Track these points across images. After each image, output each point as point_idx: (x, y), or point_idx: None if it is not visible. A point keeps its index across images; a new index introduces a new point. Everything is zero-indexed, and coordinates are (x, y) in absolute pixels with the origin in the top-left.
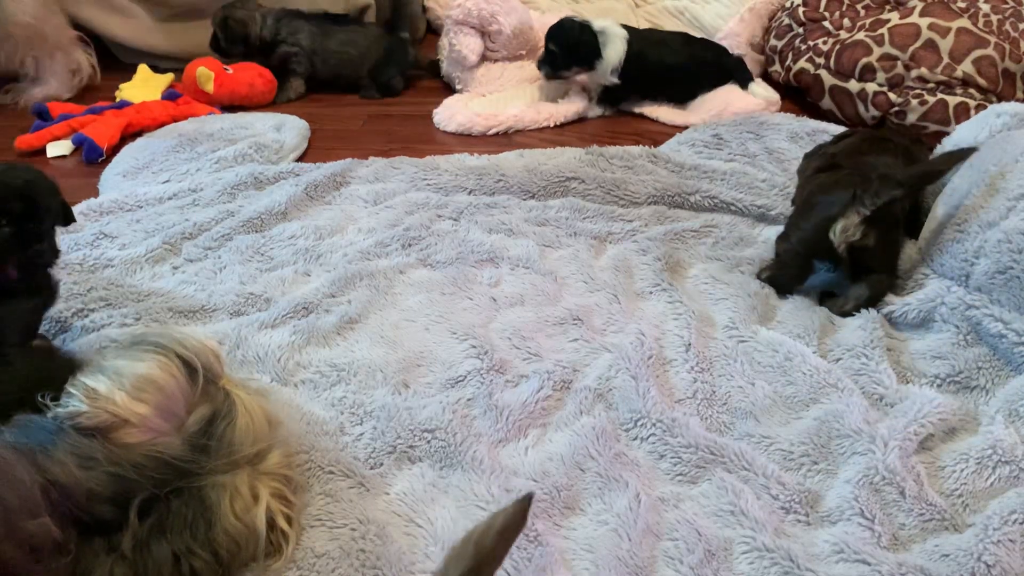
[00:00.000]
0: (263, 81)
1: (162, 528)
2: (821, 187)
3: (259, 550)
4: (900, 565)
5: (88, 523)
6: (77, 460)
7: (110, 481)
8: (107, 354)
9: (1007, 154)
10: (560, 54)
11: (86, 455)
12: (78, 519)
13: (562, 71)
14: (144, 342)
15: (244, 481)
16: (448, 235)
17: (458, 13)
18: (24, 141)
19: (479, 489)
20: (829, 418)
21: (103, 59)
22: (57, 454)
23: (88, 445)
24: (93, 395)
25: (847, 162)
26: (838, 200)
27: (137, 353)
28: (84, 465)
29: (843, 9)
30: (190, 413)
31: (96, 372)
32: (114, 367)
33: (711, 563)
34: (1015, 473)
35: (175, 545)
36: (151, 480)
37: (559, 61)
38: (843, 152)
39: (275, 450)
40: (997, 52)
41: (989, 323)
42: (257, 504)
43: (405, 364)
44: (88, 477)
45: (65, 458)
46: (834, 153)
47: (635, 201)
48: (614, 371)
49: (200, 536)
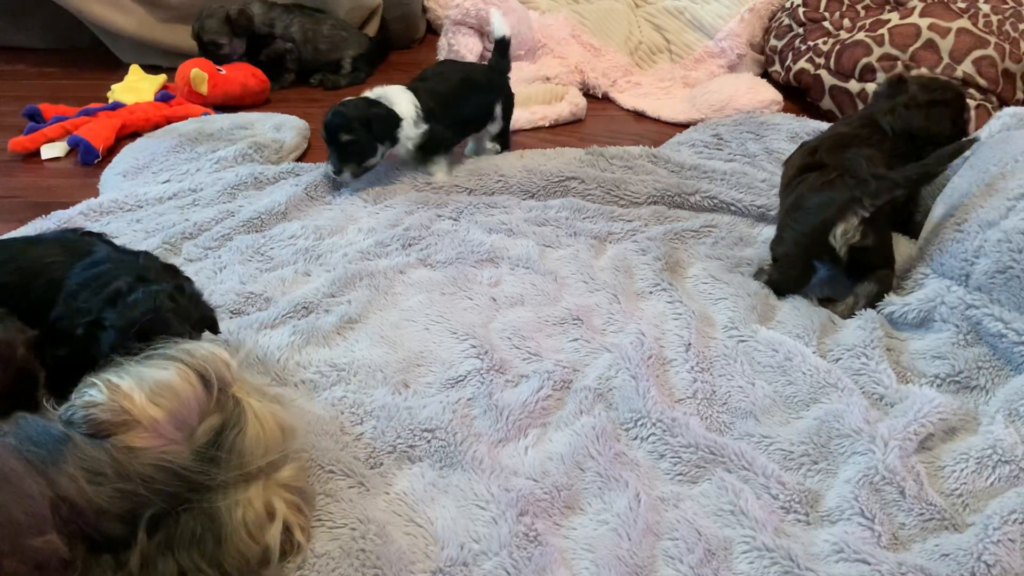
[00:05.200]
0: (256, 81)
1: (169, 544)
2: (811, 188)
3: (272, 565)
4: (900, 565)
5: (97, 540)
6: (87, 475)
7: (119, 498)
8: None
9: (1007, 154)
10: (361, 140)
11: (96, 470)
12: (87, 535)
13: (370, 158)
14: (156, 355)
15: (258, 495)
16: (448, 235)
17: (456, 13)
18: (18, 143)
19: (479, 489)
20: (829, 418)
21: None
22: (68, 468)
23: (97, 459)
24: (113, 389)
25: (830, 158)
26: (833, 202)
27: (159, 362)
28: (94, 481)
29: (843, 9)
30: (202, 423)
31: (120, 371)
32: (137, 371)
33: (711, 562)
34: (1015, 473)
35: (182, 562)
36: (161, 494)
37: (363, 148)
38: (825, 147)
39: (290, 461)
40: (997, 52)
41: (989, 323)
42: (273, 522)
43: (405, 364)
44: (98, 493)
45: (75, 472)
46: (815, 147)
47: (635, 201)
48: (614, 371)
49: (208, 552)
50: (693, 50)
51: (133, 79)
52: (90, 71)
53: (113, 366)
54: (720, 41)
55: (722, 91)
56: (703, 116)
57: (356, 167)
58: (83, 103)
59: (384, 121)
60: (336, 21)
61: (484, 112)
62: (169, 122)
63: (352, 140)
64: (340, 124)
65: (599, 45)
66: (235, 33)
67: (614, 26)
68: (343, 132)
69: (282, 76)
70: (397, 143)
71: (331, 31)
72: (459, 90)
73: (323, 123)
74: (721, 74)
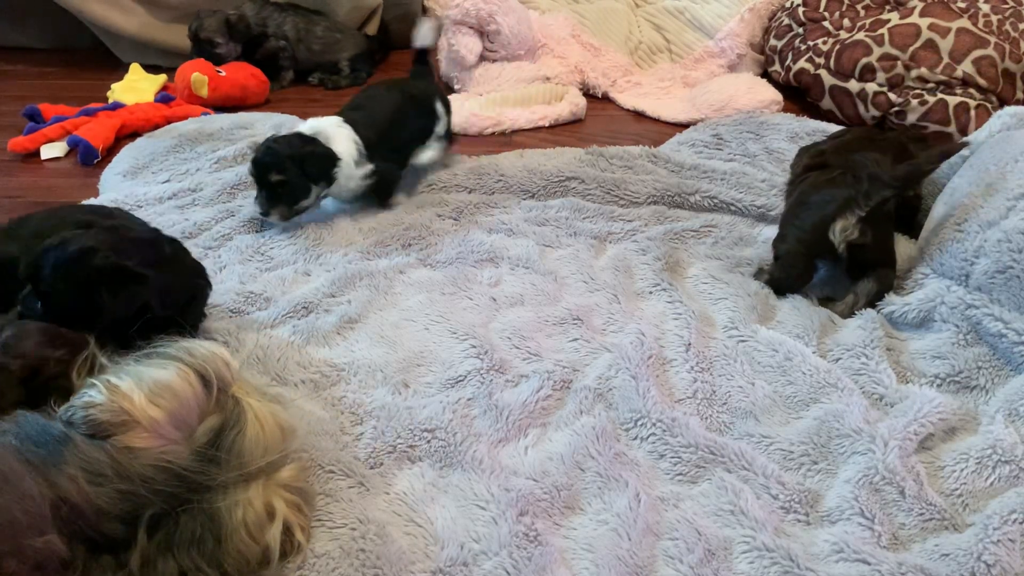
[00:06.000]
0: (256, 82)
1: (169, 545)
2: (813, 186)
3: (272, 565)
4: (900, 565)
5: (97, 540)
6: (87, 476)
7: (120, 498)
8: (129, 362)
9: (1006, 154)
10: (293, 181)
11: (96, 471)
12: (87, 536)
13: (302, 200)
14: (155, 354)
15: (258, 495)
16: (448, 235)
17: (456, 13)
18: (18, 144)
19: (479, 489)
20: (829, 418)
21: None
22: (68, 469)
23: (97, 459)
24: (113, 389)
25: (835, 159)
26: (832, 199)
27: (159, 362)
28: (94, 481)
29: (843, 9)
30: (202, 423)
31: (120, 372)
32: (136, 371)
33: (711, 562)
34: (1015, 473)
35: (182, 562)
36: (161, 495)
37: (295, 190)
38: (832, 149)
39: (290, 461)
40: (997, 52)
41: (989, 323)
42: (273, 522)
43: (405, 364)
44: (98, 494)
45: (76, 473)
46: (823, 150)
47: (635, 201)
48: (614, 371)
49: (208, 553)
50: (693, 50)
51: (133, 79)
52: (90, 71)
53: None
54: (720, 41)
55: (722, 91)
56: (703, 116)
57: (287, 210)
58: (83, 103)
59: (320, 160)
60: (331, 23)
61: (428, 123)
62: (169, 123)
63: (283, 180)
64: (271, 163)
65: (599, 45)
66: (232, 37)
67: (614, 26)
68: (273, 171)
69: (281, 75)
70: (334, 183)
71: (325, 32)
72: (399, 111)
73: (251, 159)
74: (721, 74)
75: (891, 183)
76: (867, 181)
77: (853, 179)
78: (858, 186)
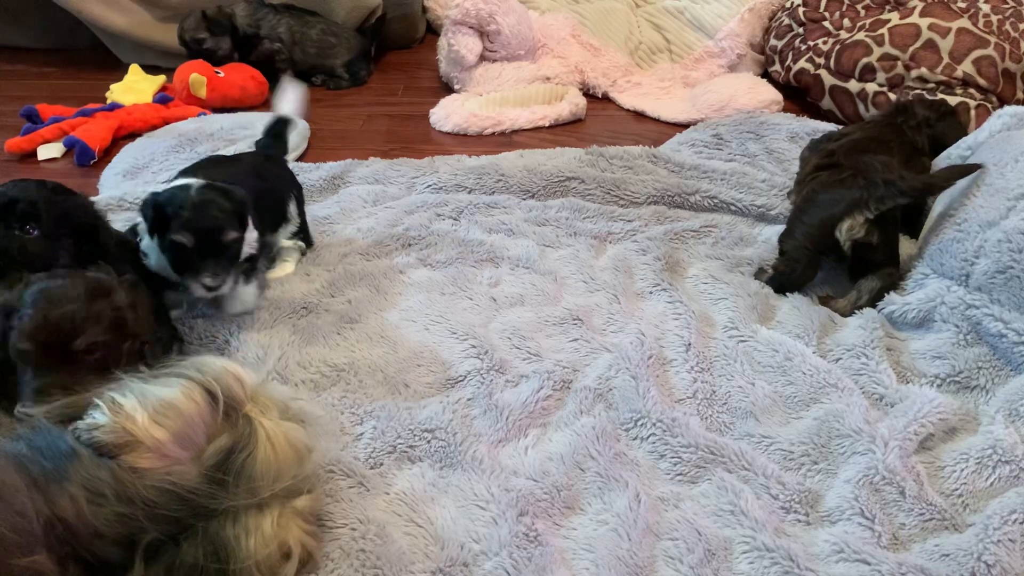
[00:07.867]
0: (255, 84)
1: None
2: (823, 184)
3: None
4: (900, 565)
5: (91, 563)
6: (88, 495)
7: (117, 521)
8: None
9: (1006, 154)
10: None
11: (97, 491)
12: (81, 558)
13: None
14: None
15: (271, 526)
16: (448, 235)
17: (456, 13)
18: (14, 144)
19: (479, 489)
20: (829, 418)
21: (97, 59)
22: (69, 487)
23: (99, 479)
24: (116, 410)
25: (846, 160)
26: (841, 199)
27: (166, 379)
28: (94, 501)
29: (843, 9)
30: (210, 442)
31: (124, 390)
32: (141, 389)
33: (711, 563)
34: (1015, 473)
35: None
36: (162, 521)
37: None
38: (842, 149)
39: (307, 487)
40: (997, 52)
41: (989, 323)
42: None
43: (405, 364)
44: (96, 515)
45: (77, 492)
46: (833, 150)
47: (635, 201)
48: (614, 371)
49: None
50: (693, 50)
51: (132, 79)
52: (89, 71)
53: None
54: (720, 41)
55: (722, 91)
56: (703, 116)
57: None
58: (82, 103)
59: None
60: (326, 25)
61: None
62: (166, 124)
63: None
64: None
65: (599, 45)
66: (212, 31)
67: (614, 26)
68: (180, 235)
69: (280, 78)
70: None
71: (320, 36)
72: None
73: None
74: (721, 74)
75: (908, 192)
76: (883, 186)
77: (865, 181)
78: (871, 189)
